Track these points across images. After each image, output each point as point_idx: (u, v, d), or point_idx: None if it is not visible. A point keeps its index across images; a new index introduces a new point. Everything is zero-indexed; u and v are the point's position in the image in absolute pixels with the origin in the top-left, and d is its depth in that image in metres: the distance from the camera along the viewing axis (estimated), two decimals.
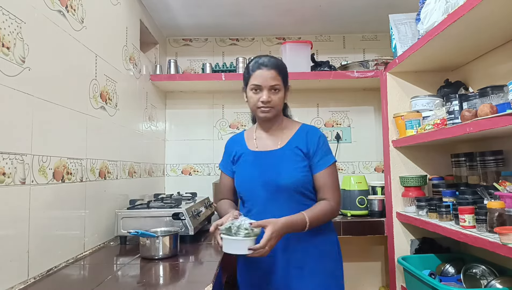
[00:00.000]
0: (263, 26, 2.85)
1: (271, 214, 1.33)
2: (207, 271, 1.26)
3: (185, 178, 2.96)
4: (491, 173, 1.71)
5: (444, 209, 1.77)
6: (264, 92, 1.41)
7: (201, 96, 3.02)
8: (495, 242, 1.28)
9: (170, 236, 1.45)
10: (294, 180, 1.39)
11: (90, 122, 1.60)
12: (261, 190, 1.42)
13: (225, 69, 2.71)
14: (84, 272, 1.33)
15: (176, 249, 1.47)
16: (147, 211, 1.72)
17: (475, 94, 1.53)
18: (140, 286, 1.13)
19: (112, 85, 1.85)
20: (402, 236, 2.15)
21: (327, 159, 1.45)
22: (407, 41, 2.06)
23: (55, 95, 1.33)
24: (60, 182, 1.35)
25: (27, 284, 1.14)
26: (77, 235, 1.48)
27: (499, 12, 1.39)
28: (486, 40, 1.71)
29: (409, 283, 1.93)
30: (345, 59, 3.02)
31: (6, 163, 1.06)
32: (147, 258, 1.42)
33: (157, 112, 2.73)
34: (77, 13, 1.50)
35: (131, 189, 2.12)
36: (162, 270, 1.31)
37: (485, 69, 1.90)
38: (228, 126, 3.02)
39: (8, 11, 1.09)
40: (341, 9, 2.57)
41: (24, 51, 1.16)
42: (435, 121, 1.77)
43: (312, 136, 1.47)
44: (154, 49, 2.77)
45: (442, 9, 1.59)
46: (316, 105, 3.02)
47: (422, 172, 2.19)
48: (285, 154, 1.44)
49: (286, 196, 1.39)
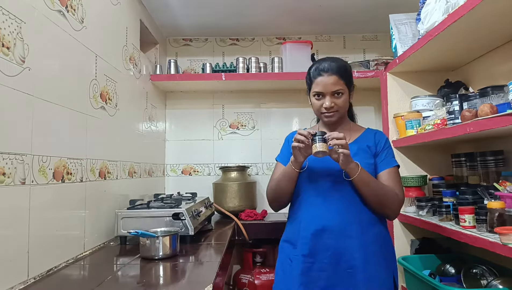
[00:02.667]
0: (263, 26, 2.85)
1: (335, 204, 1.36)
2: (207, 271, 1.26)
3: (185, 178, 2.96)
4: (491, 173, 1.71)
5: (444, 209, 1.77)
6: (326, 98, 1.40)
7: (201, 96, 3.02)
8: (495, 242, 1.28)
9: (170, 236, 1.45)
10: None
11: (90, 122, 1.60)
12: (327, 179, 1.40)
13: (225, 69, 2.71)
14: (84, 272, 1.33)
15: (176, 249, 1.47)
16: (147, 211, 1.72)
17: (475, 94, 1.53)
18: (140, 286, 1.13)
19: (112, 85, 1.85)
20: (402, 236, 2.15)
21: (392, 160, 1.46)
22: (407, 41, 2.06)
23: (55, 95, 1.33)
24: (60, 182, 1.35)
25: (27, 284, 1.14)
26: (77, 235, 1.48)
27: (499, 12, 1.39)
28: (486, 40, 1.71)
29: (409, 283, 1.93)
30: (345, 59, 3.01)
31: (6, 163, 1.06)
32: (147, 258, 1.42)
33: (157, 112, 2.73)
34: (77, 13, 1.50)
35: (131, 189, 2.12)
36: (162, 270, 1.31)
37: (485, 69, 1.90)
38: (228, 126, 3.02)
39: (8, 11, 1.09)
40: (341, 9, 2.57)
41: (24, 51, 1.16)
42: (435, 121, 1.77)
43: (380, 137, 1.49)
44: (154, 49, 2.77)
45: (443, 9, 1.59)
46: None
47: (422, 172, 2.19)
48: (353, 149, 1.42)
49: (350, 189, 1.38)
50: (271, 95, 3.01)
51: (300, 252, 1.38)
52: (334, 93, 1.40)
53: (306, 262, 1.36)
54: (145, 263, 1.37)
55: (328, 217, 1.36)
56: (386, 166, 1.43)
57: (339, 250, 1.34)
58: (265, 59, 2.87)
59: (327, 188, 1.40)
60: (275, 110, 3.01)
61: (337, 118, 1.44)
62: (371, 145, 1.46)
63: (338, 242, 1.35)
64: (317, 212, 1.39)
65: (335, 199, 1.38)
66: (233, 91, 2.99)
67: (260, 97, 3.01)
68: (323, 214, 1.37)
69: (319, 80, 1.40)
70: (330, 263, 1.34)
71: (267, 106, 3.02)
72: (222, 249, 1.59)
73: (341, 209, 1.37)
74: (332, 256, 1.34)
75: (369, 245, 1.36)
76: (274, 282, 1.49)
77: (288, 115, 3.01)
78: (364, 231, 1.36)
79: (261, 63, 2.72)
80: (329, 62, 1.41)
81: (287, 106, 3.00)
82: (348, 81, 1.43)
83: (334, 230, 1.35)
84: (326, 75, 1.39)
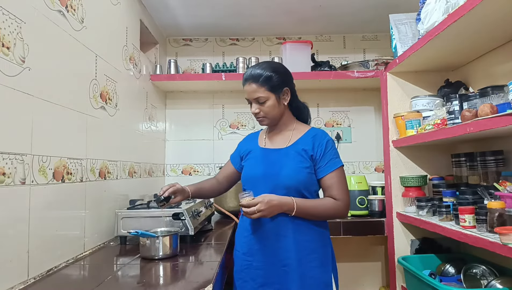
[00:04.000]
0: (263, 26, 2.85)
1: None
2: (207, 271, 1.26)
3: (185, 178, 2.96)
4: (491, 173, 1.71)
5: (444, 209, 1.77)
6: (252, 105, 1.48)
7: (201, 96, 3.02)
8: (496, 242, 1.28)
9: (170, 236, 1.45)
10: (294, 178, 1.40)
11: (90, 122, 1.60)
12: (262, 185, 1.43)
13: (225, 69, 2.71)
14: (84, 272, 1.33)
15: (176, 249, 1.47)
16: (147, 211, 1.72)
17: (475, 94, 1.53)
18: (140, 286, 1.13)
19: (112, 85, 1.85)
20: (402, 236, 2.15)
21: (334, 162, 1.45)
22: (407, 41, 2.06)
23: (55, 95, 1.33)
24: (60, 182, 1.35)
25: (27, 284, 1.14)
26: (77, 235, 1.48)
27: (499, 12, 1.39)
28: (486, 40, 1.71)
29: (409, 283, 1.93)
30: (345, 59, 3.02)
31: (6, 163, 1.06)
32: (147, 258, 1.42)
33: (157, 112, 2.73)
34: (77, 13, 1.50)
35: (131, 189, 2.12)
36: (162, 270, 1.31)
37: (485, 69, 1.90)
38: (228, 126, 3.02)
39: (8, 11, 1.09)
40: (341, 9, 2.57)
41: (24, 51, 1.16)
42: (435, 121, 1.77)
43: (319, 139, 1.47)
44: (154, 49, 2.77)
45: (443, 9, 1.58)
46: (316, 105, 3.02)
47: (422, 172, 2.19)
48: (289, 153, 1.46)
49: (285, 194, 1.39)
50: None
51: (241, 251, 1.48)
52: (257, 100, 1.44)
53: (245, 260, 1.45)
54: (145, 263, 1.37)
55: (265, 219, 1.40)
56: (329, 169, 1.43)
57: (275, 249, 1.40)
58: (265, 59, 2.87)
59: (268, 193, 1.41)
60: None
61: (268, 122, 1.50)
62: (308, 149, 1.45)
63: (273, 242, 1.40)
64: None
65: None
66: (233, 91, 2.99)
67: None
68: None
69: (245, 88, 1.47)
70: (265, 262, 1.40)
71: None
72: (222, 249, 1.59)
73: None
74: (268, 254, 1.41)
75: (304, 244, 1.39)
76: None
77: None
78: (300, 231, 1.40)
79: None
80: (251, 70, 1.47)
81: None
82: (271, 87, 1.44)
83: (270, 230, 1.41)
84: (247, 84, 1.46)
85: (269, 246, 1.40)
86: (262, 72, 1.44)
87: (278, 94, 1.46)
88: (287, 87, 1.48)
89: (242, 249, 1.47)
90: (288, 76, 1.51)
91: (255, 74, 1.44)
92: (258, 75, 1.44)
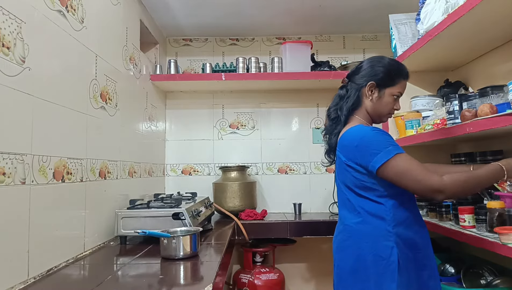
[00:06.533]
0: (263, 26, 2.85)
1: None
2: (207, 271, 1.26)
3: (185, 178, 2.96)
4: None
5: (444, 209, 1.77)
6: (398, 101, 1.46)
7: (201, 96, 3.02)
8: (495, 242, 1.28)
9: (190, 235, 1.44)
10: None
11: (90, 122, 1.60)
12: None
13: (225, 69, 2.71)
14: (84, 272, 1.34)
15: (196, 248, 1.45)
16: (147, 211, 1.72)
17: (475, 94, 1.53)
18: (140, 286, 1.13)
19: (112, 85, 1.85)
20: None
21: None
22: (407, 41, 2.06)
23: (55, 95, 1.33)
24: (60, 182, 1.35)
25: (27, 284, 1.14)
26: (77, 235, 1.48)
27: (499, 12, 1.39)
28: (486, 40, 1.71)
29: None
30: (345, 59, 3.02)
31: (6, 163, 1.06)
32: (166, 258, 1.40)
33: (157, 112, 2.73)
34: (77, 13, 1.50)
35: (131, 189, 2.12)
36: (162, 270, 1.31)
37: (485, 69, 1.90)
38: (228, 126, 3.02)
39: (8, 11, 1.09)
40: (341, 9, 2.57)
41: (24, 51, 1.16)
42: (435, 121, 1.77)
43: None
44: (154, 49, 2.77)
45: (442, 9, 1.59)
46: (316, 105, 3.02)
47: None
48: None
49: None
50: (271, 95, 3.01)
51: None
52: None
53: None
54: (145, 263, 1.37)
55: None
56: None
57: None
58: (265, 59, 2.87)
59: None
60: (275, 110, 3.01)
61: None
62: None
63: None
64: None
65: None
66: (233, 91, 2.99)
67: (260, 97, 3.01)
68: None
69: (405, 84, 1.45)
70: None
71: (267, 106, 3.02)
72: (222, 249, 1.59)
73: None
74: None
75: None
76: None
77: (288, 115, 3.01)
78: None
79: (261, 63, 2.72)
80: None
81: (287, 106, 3.00)
82: None
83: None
84: (407, 81, 1.46)
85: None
86: None
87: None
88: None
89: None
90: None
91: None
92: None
